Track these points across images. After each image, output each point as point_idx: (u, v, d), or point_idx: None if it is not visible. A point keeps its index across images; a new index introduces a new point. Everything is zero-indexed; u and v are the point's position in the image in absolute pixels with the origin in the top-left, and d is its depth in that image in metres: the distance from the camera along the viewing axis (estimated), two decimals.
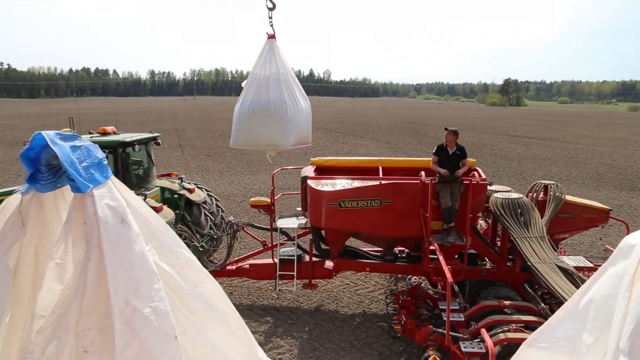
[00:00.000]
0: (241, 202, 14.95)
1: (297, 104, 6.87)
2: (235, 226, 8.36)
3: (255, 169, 21.08)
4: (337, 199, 6.77)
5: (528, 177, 19.32)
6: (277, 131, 6.71)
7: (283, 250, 8.18)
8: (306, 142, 7.22)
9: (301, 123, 6.95)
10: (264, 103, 6.69)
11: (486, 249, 7.13)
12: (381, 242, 7.61)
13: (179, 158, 23.56)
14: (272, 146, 6.88)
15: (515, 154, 26.25)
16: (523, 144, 31.05)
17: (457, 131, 6.85)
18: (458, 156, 6.78)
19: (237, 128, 7.03)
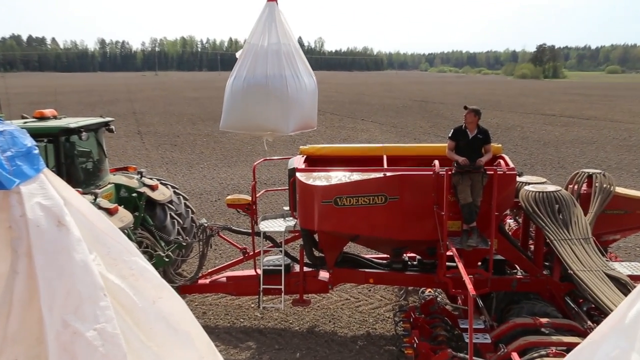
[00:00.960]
0: (216, 201, 14.95)
1: (300, 80, 6.89)
2: (209, 231, 8.36)
3: (232, 160, 21.07)
4: (333, 196, 6.78)
5: (568, 166, 19.44)
6: (276, 113, 6.74)
7: (268, 259, 8.17)
8: (310, 126, 7.25)
9: (304, 104, 6.97)
10: (261, 79, 6.72)
11: (516, 255, 7.16)
12: (387, 247, 7.64)
13: (138, 148, 23.49)
14: (270, 130, 6.89)
15: (552, 137, 26.40)
16: (561, 124, 31.23)
17: (479, 110, 6.86)
18: (480, 141, 6.80)
19: (229, 107, 7.05)
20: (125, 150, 22.78)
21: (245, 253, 8.47)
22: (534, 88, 71.78)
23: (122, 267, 2.08)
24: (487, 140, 6.82)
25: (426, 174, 6.79)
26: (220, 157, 21.75)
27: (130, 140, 25.61)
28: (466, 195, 6.58)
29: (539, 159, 20.92)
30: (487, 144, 6.82)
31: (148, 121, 32.48)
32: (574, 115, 35.59)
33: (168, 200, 9.10)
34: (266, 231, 7.97)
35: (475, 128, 6.81)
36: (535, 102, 45.56)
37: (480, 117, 6.82)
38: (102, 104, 42.60)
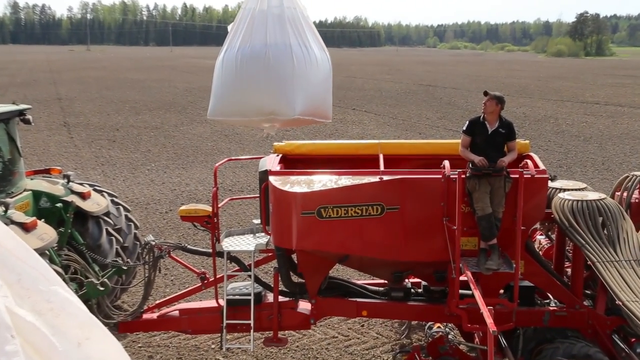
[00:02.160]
0: (166, 212, 14.91)
1: (309, 52, 6.90)
2: (157, 251, 8.31)
3: (188, 160, 21.04)
4: (316, 205, 6.78)
5: (615, 167, 19.70)
6: (278, 91, 6.74)
7: (233, 286, 8.14)
8: (323, 115, 7.25)
9: (315, 82, 6.96)
10: (260, 49, 6.72)
11: (549, 280, 7.22)
12: (384, 270, 7.65)
13: (64, 144, 23.32)
14: (270, 115, 6.88)
15: (595, 131, 26.74)
16: (607, 115, 31.64)
17: (503, 98, 6.92)
18: (502, 136, 6.86)
19: (219, 90, 7.05)
20: (48, 148, 22.61)
21: (204, 279, 8.42)
22: (572, 68, 72.75)
23: (37, 299, 2.06)
24: (511, 135, 6.88)
25: (434, 177, 6.81)
26: (172, 156, 21.69)
27: (54, 134, 25.43)
28: (484, 205, 6.62)
29: (578, 159, 21.18)
30: (511, 141, 6.89)
31: (78, 109, 32.29)
32: (624, 104, 36.08)
33: (104, 211, 9.05)
34: (231, 251, 7.94)
35: (497, 120, 6.88)
36: (573, 87, 46.16)
37: (503, 107, 6.90)
38: (15, 87, 42.22)
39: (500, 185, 6.63)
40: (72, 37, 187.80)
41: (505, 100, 6.95)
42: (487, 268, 6.62)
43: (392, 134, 25.84)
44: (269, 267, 10.39)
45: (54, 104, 34.34)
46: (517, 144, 7.07)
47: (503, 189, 6.63)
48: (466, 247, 6.82)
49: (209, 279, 8.41)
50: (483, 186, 6.64)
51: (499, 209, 6.65)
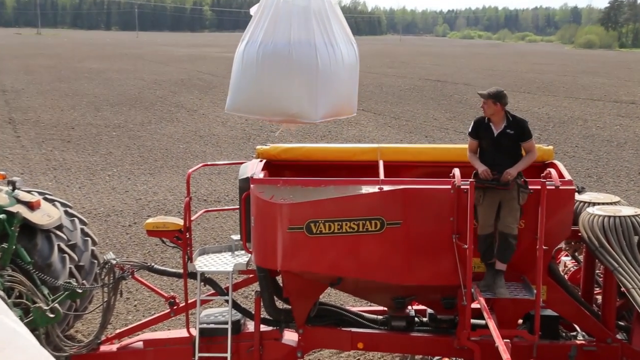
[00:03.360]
0: (130, 225, 14.86)
1: (335, 50, 7.06)
2: (119, 271, 8.31)
3: (157, 165, 21.01)
4: (305, 219, 6.80)
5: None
6: (301, 93, 6.94)
7: (207, 313, 8.13)
8: (348, 111, 7.47)
9: (340, 82, 7.17)
10: (282, 47, 6.91)
11: (575, 309, 7.25)
12: (384, 295, 7.68)
13: (9, 144, 23.21)
14: (291, 116, 7.04)
15: (630, 135, 26.84)
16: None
17: (499, 93, 6.84)
18: (510, 138, 6.83)
19: (239, 83, 7.23)
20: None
21: (173, 304, 8.42)
22: (605, 62, 73.04)
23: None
24: (523, 135, 6.85)
25: (442, 188, 6.85)
26: (138, 160, 21.64)
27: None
28: (484, 223, 6.70)
29: (610, 168, 21.26)
30: (525, 141, 6.86)
31: (25, 104, 32.17)
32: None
33: (56, 224, 9.01)
34: (205, 271, 7.94)
35: (503, 120, 6.87)
36: (605, 84, 46.28)
37: (504, 103, 6.85)
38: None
39: (512, 197, 6.65)
40: (19, 18, 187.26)
41: (504, 95, 6.87)
42: (498, 292, 6.66)
43: (394, 136, 25.88)
44: (250, 291, 10.37)
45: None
46: (539, 150, 7.09)
47: (516, 200, 6.64)
48: (479, 270, 6.86)
49: (178, 305, 8.41)
50: (488, 200, 6.69)
51: (513, 225, 6.66)
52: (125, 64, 54.95)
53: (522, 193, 6.64)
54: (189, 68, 52.96)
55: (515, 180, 6.63)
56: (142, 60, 60.90)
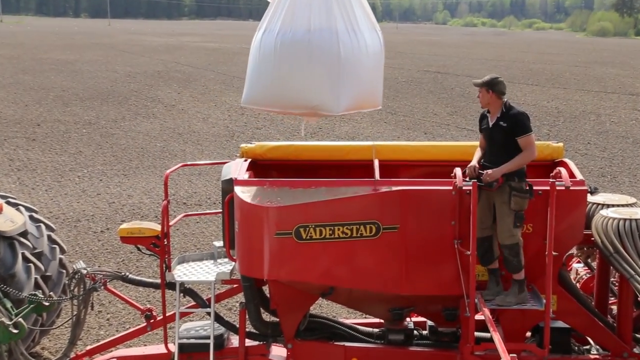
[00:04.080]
0: (102, 232, 14.83)
1: (357, 38, 7.04)
2: (90, 281, 8.29)
3: (131, 165, 20.96)
4: (293, 224, 6.81)
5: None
6: (321, 83, 6.90)
7: (187, 327, 8.13)
8: (372, 104, 7.41)
9: (364, 71, 7.13)
10: (302, 36, 6.88)
11: (588, 320, 7.27)
12: (380, 306, 7.69)
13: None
14: (311, 109, 7.02)
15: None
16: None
17: (492, 80, 6.77)
18: (502, 132, 6.73)
19: (256, 74, 7.21)
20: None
21: (149, 317, 8.41)
22: (620, 51, 73.12)
23: None
24: (516, 129, 6.67)
25: (442, 189, 6.87)
26: (110, 159, 21.59)
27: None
28: (480, 224, 6.69)
29: (626, 166, 21.35)
30: (521, 137, 6.67)
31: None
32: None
33: (19, 231, 8.97)
34: (185, 281, 7.93)
35: (499, 110, 6.83)
36: (620, 75, 46.36)
37: (499, 91, 6.77)
38: None
39: (502, 201, 6.61)
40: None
41: (497, 82, 6.75)
42: (507, 303, 6.69)
43: (390, 133, 25.90)
44: (234, 303, 10.36)
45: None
46: (548, 147, 7.10)
47: (507, 205, 6.58)
48: (483, 278, 6.89)
49: (156, 318, 8.39)
50: (482, 200, 6.71)
51: (505, 234, 6.61)
52: (96, 55, 54.74)
53: (515, 197, 6.54)
54: (166, 59, 52.78)
55: (509, 183, 6.56)
56: (115, 50, 60.67)
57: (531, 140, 6.71)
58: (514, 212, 6.57)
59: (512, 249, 6.62)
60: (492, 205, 6.70)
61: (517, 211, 6.58)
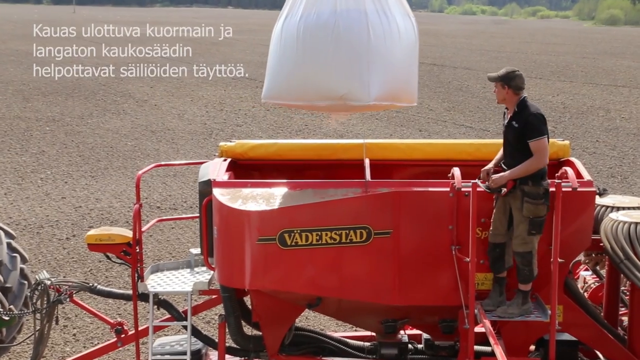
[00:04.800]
0: (68, 239, 14.77)
1: (389, 20, 6.96)
2: (55, 293, 8.28)
3: (100, 165, 20.92)
4: (277, 229, 6.81)
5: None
6: (348, 70, 6.80)
7: (162, 342, 8.14)
8: (406, 98, 7.30)
9: (396, 59, 7.04)
10: (327, 17, 6.80)
11: (597, 332, 7.29)
12: (371, 318, 7.71)
13: None
14: (339, 100, 6.95)
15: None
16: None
17: (508, 74, 6.75)
18: (514, 132, 6.74)
19: (277, 67, 7.13)
20: None
21: (120, 332, 8.39)
22: (631, 41, 73.20)
23: None
24: (525, 131, 6.65)
25: (439, 191, 6.89)
26: (77, 160, 21.53)
27: None
28: (495, 230, 6.73)
29: (638, 166, 21.44)
30: (532, 140, 6.61)
31: None
32: None
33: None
34: (160, 292, 7.94)
35: (514, 107, 6.81)
36: (632, 67, 46.41)
37: (515, 85, 6.74)
38: None
39: (516, 207, 6.61)
40: None
41: (514, 76, 6.73)
42: (509, 314, 6.71)
43: (382, 131, 25.92)
44: (213, 315, 10.36)
45: None
46: (553, 145, 7.12)
47: (520, 212, 6.58)
48: (483, 287, 6.91)
49: (127, 332, 8.37)
50: (499, 204, 6.74)
51: (517, 240, 6.62)
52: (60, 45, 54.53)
53: (527, 203, 6.52)
54: (137, 50, 52.60)
55: (522, 187, 6.55)
56: (81, 40, 60.41)
57: (542, 146, 6.59)
58: (528, 218, 6.55)
59: (524, 257, 6.61)
60: (508, 209, 6.69)
61: (533, 218, 6.54)
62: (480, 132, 25.38)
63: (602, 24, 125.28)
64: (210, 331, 9.30)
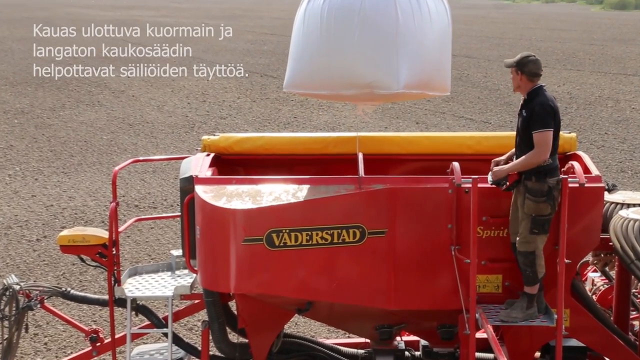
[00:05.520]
0: (38, 240, 14.76)
1: (419, 3, 6.96)
2: (24, 298, 8.27)
3: (73, 161, 20.90)
4: (265, 229, 6.81)
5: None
6: (376, 55, 6.81)
7: (141, 350, 8.15)
8: (439, 87, 7.35)
9: (427, 43, 7.04)
10: (352, 0, 6.81)
11: (606, 338, 7.31)
12: (365, 323, 7.72)
13: None
14: (365, 88, 6.95)
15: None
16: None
17: (523, 59, 6.78)
18: (523, 122, 6.76)
19: (299, 53, 7.15)
20: None
21: (95, 340, 8.38)
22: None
23: None
24: (530, 122, 6.65)
25: (437, 187, 6.91)
26: (48, 155, 21.51)
27: None
28: (513, 228, 6.74)
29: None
30: (535, 131, 6.60)
31: None
32: None
33: None
34: (138, 297, 7.93)
35: (526, 95, 6.81)
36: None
37: (530, 72, 6.74)
38: None
39: (520, 203, 6.63)
40: None
41: (529, 61, 6.74)
42: (512, 318, 6.69)
43: (377, 123, 25.89)
44: (195, 321, 10.36)
45: None
46: (546, 137, 7.12)
47: (522, 208, 6.59)
48: (485, 290, 6.93)
49: (103, 341, 8.36)
50: (513, 200, 6.75)
51: (519, 239, 6.63)
52: (29, 31, 54.26)
53: (528, 200, 6.51)
54: (113, 36, 52.46)
55: (525, 183, 6.55)
56: (51, 26, 60.18)
57: (544, 138, 6.55)
58: (530, 216, 6.54)
59: (526, 257, 6.59)
60: (516, 207, 6.69)
61: (535, 216, 6.52)
62: (482, 125, 25.39)
63: (611, 9, 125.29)
64: (193, 339, 9.31)
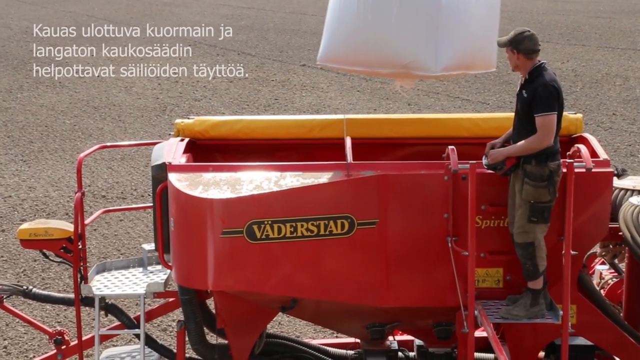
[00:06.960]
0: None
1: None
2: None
3: (33, 148, 20.87)
4: (245, 220, 6.83)
5: None
6: (416, 36, 6.86)
7: (110, 354, 8.21)
8: (482, 65, 7.43)
9: (471, 21, 7.11)
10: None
11: (616, 336, 7.36)
12: (355, 322, 7.75)
13: None
14: (404, 67, 6.97)
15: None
16: None
17: (516, 38, 6.70)
18: (523, 103, 6.77)
19: (336, 27, 7.20)
20: None
21: (60, 342, 8.40)
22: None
23: None
24: (532, 104, 6.65)
25: (432, 174, 6.92)
26: (5, 141, 21.51)
27: None
28: (511, 217, 6.76)
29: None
30: (537, 115, 6.59)
31: None
32: None
33: None
34: (107, 295, 7.94)
35: (526, 75, 6.81)
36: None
37: (526, 49, 6.68)
38: None
39: (517, 188, 6.63)
40: None
41: (523, 38, 6.67)
42: (513, 315, 6.72)
43: (365, 105, 25.92)
44: (170, 321, 10.38)
45: None
46: (564, 119, 7.15)
47: (520, 193, 6.59)
48: (484, 285, 6.96)
49: (69, 343, 8.39)
50: (510, 185, 6.76)
51: (516, 229, 6.64)
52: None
53: (527, 185, 6.49)
54: (76, 11, 52.29)
55: (524, 167, 6.53)
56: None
57: (548, 123, 6.55)
58: (528, 203, 6.53)
59: (525, 249, 6.60)
60: (513, 193, 6.70)
61: (533, 202, 6.52)
62: (479, 105, 25.38)
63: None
64: (168, 340, 9.34)
